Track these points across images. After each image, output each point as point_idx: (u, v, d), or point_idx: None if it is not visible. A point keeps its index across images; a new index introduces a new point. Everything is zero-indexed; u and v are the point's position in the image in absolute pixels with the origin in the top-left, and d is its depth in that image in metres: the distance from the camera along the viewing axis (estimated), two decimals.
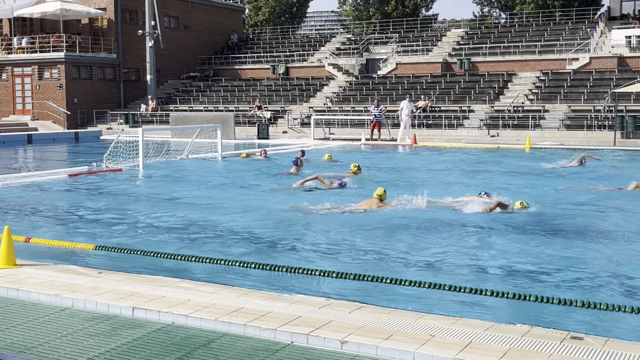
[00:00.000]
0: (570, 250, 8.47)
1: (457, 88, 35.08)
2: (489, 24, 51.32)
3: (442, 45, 41.16)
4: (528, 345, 4.60)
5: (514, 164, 19.48)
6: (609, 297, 6.44)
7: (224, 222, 10.50)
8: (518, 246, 8.72)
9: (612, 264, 7.86)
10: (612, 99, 28.57)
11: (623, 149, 24.29)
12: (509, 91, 34.21)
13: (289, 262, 7.70)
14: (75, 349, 4.74)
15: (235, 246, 8.88)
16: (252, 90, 40.66)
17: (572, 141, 27.56)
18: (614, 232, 9.66)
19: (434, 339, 4.72)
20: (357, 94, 37.04)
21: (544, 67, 35.40)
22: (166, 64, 43.61)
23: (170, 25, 44.90)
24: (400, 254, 8.36)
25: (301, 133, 33.93)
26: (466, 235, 9.46)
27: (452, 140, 29.11)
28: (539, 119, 30.21)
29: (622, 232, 9.62)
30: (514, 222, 10.29)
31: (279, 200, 12.62)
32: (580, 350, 4.53)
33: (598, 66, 33.99)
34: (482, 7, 61.61)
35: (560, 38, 37.97)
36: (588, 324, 5.66)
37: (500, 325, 5.07)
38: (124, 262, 7.64)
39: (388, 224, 10.31)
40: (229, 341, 4.88)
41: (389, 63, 40.05)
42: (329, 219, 10.69)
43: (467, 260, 8.04)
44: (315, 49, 44.98)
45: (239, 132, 32.75)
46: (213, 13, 48.33)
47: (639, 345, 4.67)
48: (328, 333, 4.83)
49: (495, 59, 37.43)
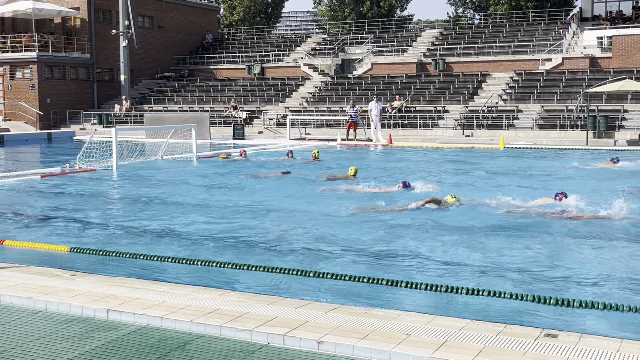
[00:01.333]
0: (542, 248, 8.55)
1: (431, 88, 35.28)
2: (463, 25, 51.69)
3: (416, 45, 41.36)
4: (503, 343, 4.64)
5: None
6: (581, 294, 6.51)
7: (198, 223, 10.44)
8: (494, 244, 8.79)
9: (587, 261, 7.95)
10: (584, 99, 28.93)
11: (596, 148, 24.60)
12: (483, 91, 34.48)
13: (266, 262, 7.68)
14: (48, 352, 4.68)
15: (209, 247, 8.83)
16: (228, 90, 40.53)
17: (545, 141, 27.87)
18: (588, 231, 9.77)
19: (409, 338, 4.74)
20: (333, 94, 37.09)
21: (518, 68, 35.74)
22: (140, 64, 43.29)
23: (144, 25, 44.58)
24: (377, 253, 8.38)
25: (277, 133, 33.89)
26: (438, 233, 9.51)
27: (427, 140, 29.26)
28: (512, 119, 30.49)
29: (598, 232, 9.73)
30: (483, 220, 10.37)
31: (255, 199, 12.59)
32: (555, 347, 4.57)
33: (570, 67, 34.40)
34: (457, 8, 62.04)
35: (534, 39, 38.36)
36: (562, 320, 5.72)
37: (475, 324, 5.11)
38: (98, 264, 7.57)
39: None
40: (205, 343, 4.85)
41: (365, 63, 40.16)
42: (306, 218, 10.69)
43: (442, 258, 8.08)
44: (290, 49, 44.95)
45: (214, 133, 32.61)
46: (188, 13, 48.08)
47: (612, 341, 4.72)
48: (304, 333, 4.83)
49: (469, 60, 37.72)
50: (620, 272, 7.42)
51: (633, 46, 33.06)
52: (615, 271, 7.48)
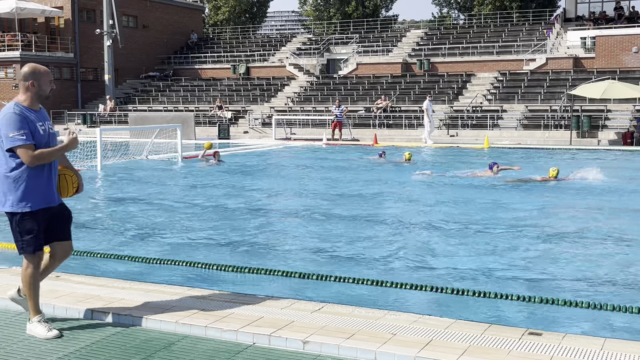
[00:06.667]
0: (528, 248, 8.61)
1: (417, 88, 35.38)
2: (448, 25, 51.90)
3: (402, 45, 41.47)
4: (488, 342, 4.66)
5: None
6: (566, 293, 6.56)
7: (183, 223, 10.41)
8: (481, 244, 8.83)
9: (571, 260, 8.01)
10: (568, 99, 29.13)
11: (579, 148, 24.78)
12: (468, 91, 34.63)
13: (252, 263, 7.67)
14: (32, 354, 4.65)
15: (195, 247, 8.81)
16: (213, 90, 40.42)
17: (529, 141, 28.04)
18: (570, 230, 9.84)
19: (395, 338, 4.75)
20: (318, 94, 37.10)
21: (502, 68, 35.92)
22: (125, 64, 43.08)
23: (128, 25, 44.38)
24: (362, 253, 8.39)
25: (262, 133, 33.86)
26: (423, 234, 9.55)
27: (412, 140, 29.34)
28: (497, 118, 30.65)
29: (577, 230, 9.81)
30: (461, 220, 10.43)
31: (238, 200, 12.58)
32: (539, 345, 4.60)
33: (554, 67, 34.63)
34: (441, 8, 62.30)
35: (518, 39, 38.58)
36: (546, 320, 5.76)
37: (460, 323, 5.13)
38: (82, 265, 7.52)
39: (354, 221, 10.35)
40: (190, 343, 4.84)
41: (350, 63, 40.21)
42: (292, 221, 10.68)
43: (428, 258, 8.11)
44: (276, 49, 44.91)
45: (199, 133, 32.53)
46: (172, 12, 47.91)
47: (595, 339, 4.76)
48: (290, 333, 4.82)
49: (454, 60, 37.87)
50: (605, 272, 7.48)
51: (616, 46, 33.33)
52: (598, 270, 7.54)
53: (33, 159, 4.82)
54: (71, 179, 5.26)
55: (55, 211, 5.10)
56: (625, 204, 12.17)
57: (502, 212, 11.35)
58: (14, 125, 4.80)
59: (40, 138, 4.90)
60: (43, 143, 4.92)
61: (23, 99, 4.98)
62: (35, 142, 4.87)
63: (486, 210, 11.47)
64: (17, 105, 4.92)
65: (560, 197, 13.14)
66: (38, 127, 4.91)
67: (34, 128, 4.88)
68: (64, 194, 5.23)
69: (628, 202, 12.50)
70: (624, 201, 12.55)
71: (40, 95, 5.03)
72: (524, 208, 11.70)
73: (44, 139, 4.94)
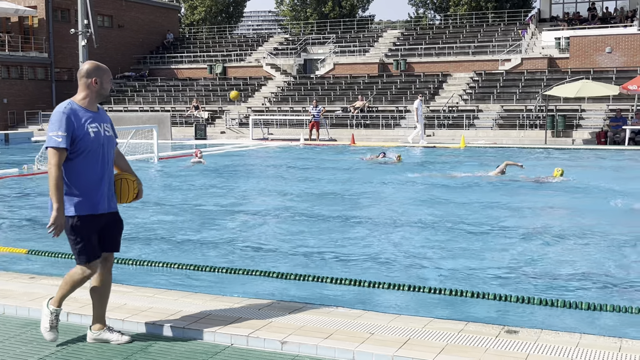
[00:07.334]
0: (504, 246, 8.68)
1: (393, 88, 35.51)
2: (424, 25, 52.14)
3: (378, 46, 41.60)
4: (465, 341, 4.69)
5: None
6: (541, 292, 6.62)
7: (159, 223, 10.34)
8: (454, 243, 8.89)
9: (547, 259, 8.09)
10: (543, 99, 29.42)
11: (554, 147, 25.04)
12: (444, 91, 34.83)
13: (229, 263, 7.64)
14: (7, 357, 4.59)
15: (172, 247, 8.76)
16: (189, 90, 40.24)
17: (505, 140, 28.26)
18: (544, 227, 9.94)
19: (373, 337, 4.76)
20: (296, 94, 37.08)
21: (478, 68, 36.18)
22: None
23: (104, 24, 44.02)
24: (341, 252, 8.40)
25: (239, 133, 33.77)
26: (402, 233, 9.58)
27: (390, 140, 29.44)
28: (473, 118, 30.86)
29: (553, 228, 9.91)
30: (437, 220, 10.49)
31: (217, 202, 12.53)
32: (515, 343, 4.64)
33: (529, 67, 34.95)
34: (417, 9, 62.59)
35: (493, 39, 38.89)
36: (523, 318, 5.81)
37: (438, 322, 5.15)
38: (57, 267, 7.44)
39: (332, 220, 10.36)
40: (167, 345, 4.81)
41: (327, 63, 40.24)
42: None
43: (406, 257, 8.14)
44: (252, 49, 44.82)
45: (175, 133, 32.35)
46: (148, 12, 47.61)
47: (571, 336, 4.81)
48: (268, 334, 4.82)
49: (430, 60, 38.06)
50: (581, 271, 7.57)
51: (590, 47, 33.73)
52: (575, 267, 7.62)
53: (51, 166, 4.49)
54: (132, 184, 4.96)
55: (108, 219, 4.84)
56: (603, 205, 12.32)
57: (482, 210, 11.42)
58: (56, 125, 4.54)
59: (89, 141, 4.62)
60: (95, 147, 4.65)
61: (81, 97, 4.72)
62: (83, 145, 4.59)
63: (466, 209, 11.53)
64: (70, 104, 4.67)
65: (547, 197, 13.25)
66: (89, 129, 4.63)
67: (82, 130, 4.60)
68: (123, 199, 4.94)
69: (606, 202, 12.65)
70: (601, 201, 12.70)
71: (101, 94, 4.78)
72: (504, 207, 11.79)
73: (97, 142, 4.66)
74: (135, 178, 5.01)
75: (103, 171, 4.73)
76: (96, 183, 4.70)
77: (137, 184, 5.01)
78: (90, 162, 4.66)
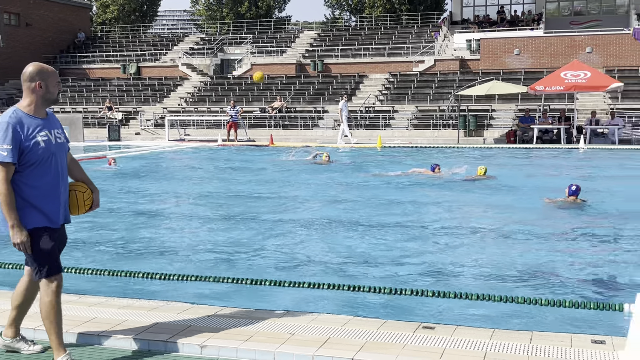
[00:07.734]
0: (416, 242, 8.86)
1: (311, 89, 35.69)
2: (340, 27, 52.64)
3: (295, 46, 41.71)
4: (383, 338, 4.76)
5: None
6: (457, 285, 6.79)
7: (71, 229, 10.02)
8: (376, 239, 9.00)
9: (460, 253, 8.30)
10: (455, 99, 30.23)
11: (466, 146, 25.75)
12: (361, 92, 35.26)
13: (147, 267, 7.48)
14: None
15: (85, 253, 8.51)
16: (102, 90, 39.22)
17: (419, 140, 28.86)
18: (458, 225, 10.20)
19: (293, 337, 4.77)
20: (213, 94, 36.73)
21: (393, 69, 36.81)
22: (7, 63, 41.01)
23: (10, 22, 42.32)
24: (262, 253, 8.37)
25: (155, 134, 33.15)
26: (316, 229, 9.64)
27: (308, 140, 29.56)
28: (389, 118, 31.38)
29: (465, 226, 10.18)
30: (347, 216, 10.62)
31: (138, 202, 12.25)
32: (432, 338, 4.74)
33: (442, 68, 35.83)
34: (333, 10, 63.13)
35: (407, 41, 39.65)
36: (439, 313, 5.94)
37: (357, 320, 5.21)
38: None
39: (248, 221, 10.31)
40: (83, 353, 4.66)
41: (244, 64, 40.05)
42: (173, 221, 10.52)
43: (325, 256, 8.19)
44: (167, 49, 44.10)
45: (88, 134, 31.45)
46: (57, 10, 46.07)
47: (485, 330, 4.96)
48: (186, 339, 4.75)
49: (347, 61, 38.46)
50: (494, 264, 7.81)
51: (499, 49, 34.89)
52: (489, 261, 7.86)
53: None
54: (82, 195, 4.62)
55: (61, 232, 4.58)
56: (514, 200, 12.74)
57: (399, 208, 11.61)
58: (1, 137, 4.18)
59: (39, 151, 4.30)
60: (46, 156, 4.34)
61: (26, 103, 4.38)
62: (33, 156, 4.28)
63: (385, 206, 11.70)
64: (15, 112, 4.32)
65: (470, 193, 13.57)
66: (39, 138, 4.31)
67: (31, 140, 4.27)
68: (74, 211, 4.63)
69: (518, 197, 13.08)
70: (513, 197, 13.14)
71: (48, 99, 4.42)
72: (433, 204, 12.03)
73: (47, 152, 4.35)
74: (87, 188, 4.69)
75: (57, 180, 4.44)
76: (51, 194, 4.41)
77: (91, 194, 4.70)
78: (42, 172, 4.36)
